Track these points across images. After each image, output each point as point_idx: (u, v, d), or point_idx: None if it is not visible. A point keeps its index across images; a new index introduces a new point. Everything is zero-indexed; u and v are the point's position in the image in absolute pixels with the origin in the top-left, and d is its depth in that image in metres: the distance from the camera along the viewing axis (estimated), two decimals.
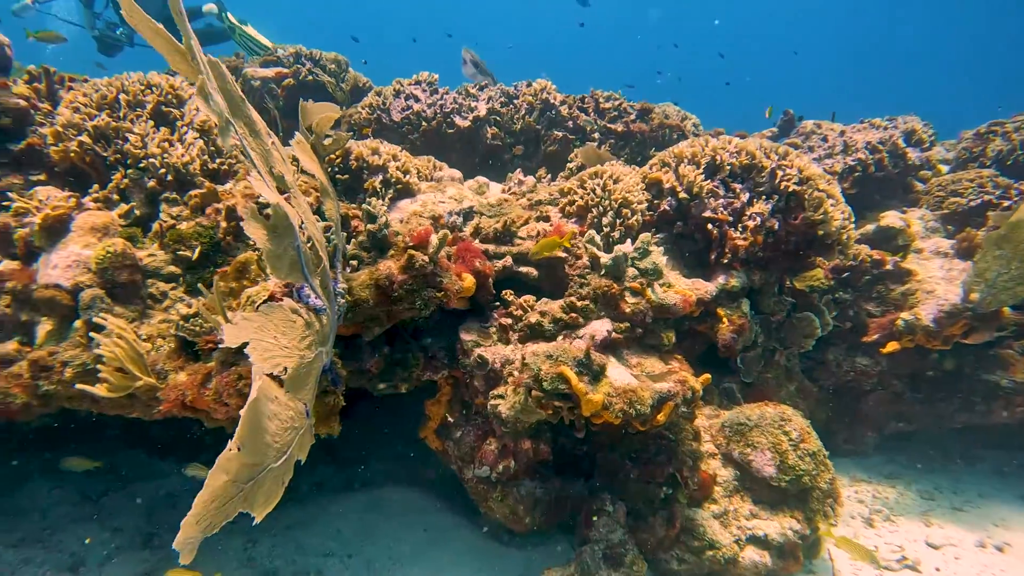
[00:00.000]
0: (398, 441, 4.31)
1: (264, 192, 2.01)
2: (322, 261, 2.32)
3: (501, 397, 3.00)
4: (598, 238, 3.22)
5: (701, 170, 3.52)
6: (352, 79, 5.25)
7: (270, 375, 1.87)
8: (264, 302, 2.57)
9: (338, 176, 3.57)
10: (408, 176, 3.62)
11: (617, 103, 4.88)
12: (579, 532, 3.25)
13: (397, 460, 4.30)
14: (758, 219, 3.38)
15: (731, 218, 3.45)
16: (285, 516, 3.83)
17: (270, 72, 4.85)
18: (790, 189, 3.37)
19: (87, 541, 3.61)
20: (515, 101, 4.75)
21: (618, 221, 3.39)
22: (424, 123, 4.60)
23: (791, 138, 5.31)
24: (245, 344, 1.80)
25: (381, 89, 4.90)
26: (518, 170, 4.09)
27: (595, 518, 3.11)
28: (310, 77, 5.04)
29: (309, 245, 2.28)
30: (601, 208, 3.44)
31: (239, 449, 1.57)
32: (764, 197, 3.45)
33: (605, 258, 3.11)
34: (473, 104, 4.70)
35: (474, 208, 3.67)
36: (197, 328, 2.60)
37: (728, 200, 3.49)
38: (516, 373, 2.99)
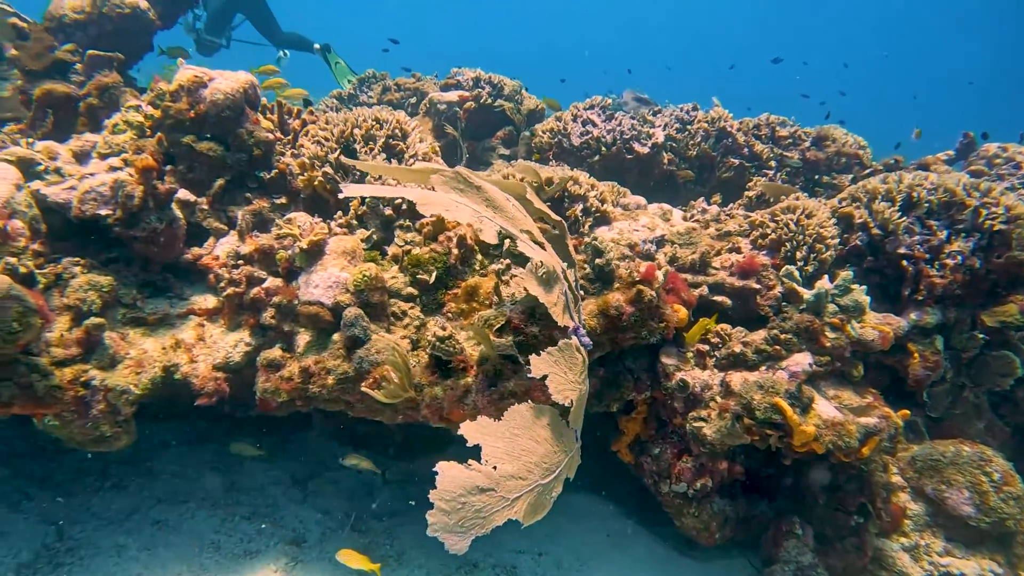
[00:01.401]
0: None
1: (532, 254, 2.31)
2: (578, 299, 2.61)
3: (703, 420, 3.22)
4: (797, 273, 3.37)
5: (896, 207, 3.60)
6: (529, 103, 5.58)
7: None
8: (512, 332, 2.90)
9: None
10: (605, 205, 3.88)
11: (792, 130, 4.97)
12: (765, 551, 3.43)
13: (580, 469, 4.59)
14: (958, 257, 3.43)
15: (927, 255, 3.52)
16: None
17: (454, 96, 5.24)
18: (995, 227, 3.40)
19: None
20: (689, 127, 4.94)
21: (811, 256, 3.52)
22: (604, 148, 4.86)
23: (973, 163, 5.20)
24: (499, 370, 2.11)
25: (561, 114, 5.20)
26: (700, 199, 4.28)
27: (785, 540, 3.28)
28: (490, 100, 5.41)
29: (566, 287, 2.57)
30: (794, 242, 3.58)
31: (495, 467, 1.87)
32: (964, 234, 3.49)
33: (807, 294, 3.26)
34: (650, 131, 4.92)
35: (665, 236, 3.90)
36: (450, 348, 2.95)
37: (924, 237, 3.55)
38: (719, 398, 3.20)
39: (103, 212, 3.47)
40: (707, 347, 3.46)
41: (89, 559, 3.58)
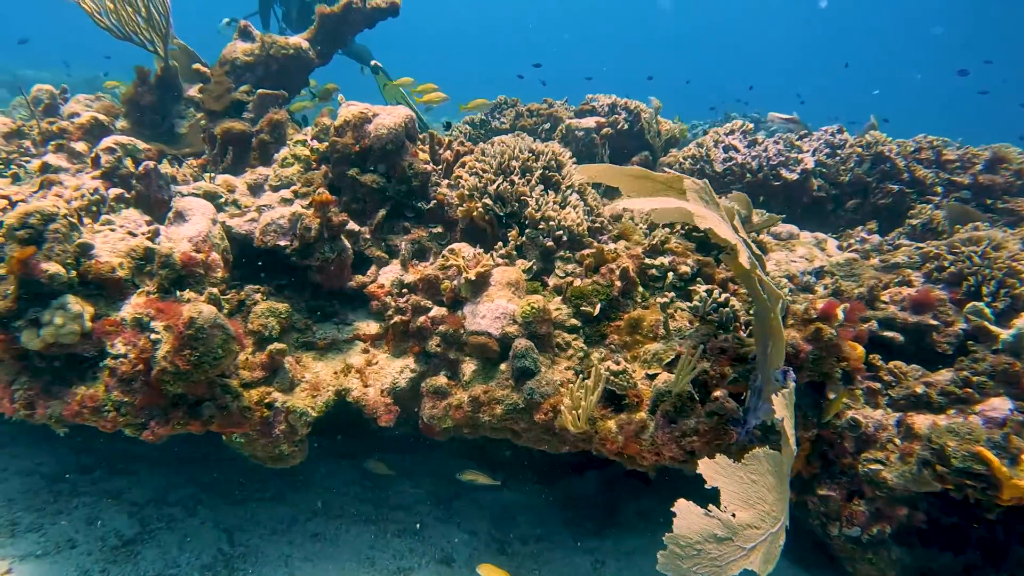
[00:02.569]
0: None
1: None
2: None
3: (879, 463, 3.08)
4: (986, 310, 3.18)
5: None
6: (665, 127, 5.56)
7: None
8: (687, 364, 2.88)
9: (693, 234, 3.83)
10: (760, 234, 3.80)
11: (961, 152, 4.71)
12: None
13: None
14: None
15: None
16: (625, 542, 4.19)
17: (591, 122, 5.28)
18: None
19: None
20: (839, 151, 4.77)
21: (1001, 291, 3.31)
22: (748, 175, 4.78)
23: None
24: (680, 407, 2.06)
25: (702, 140, 5.15)
26: (859, 227, 4.12)
27: None
28: (626, 126, 5.42)
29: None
30: (980, 276, 3.38)
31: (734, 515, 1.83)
32: None
33: (1003, 333, 3.08)
34: (798, 156, 4.79)
35: (824, 267, 3.77)
36: (624, 383, 2.96)
37: None
38: (899, 441, 3.05)
39: (282, 243, 3.70)
40: (878, 385, 3.32)
41: (260, 566, 3.80)
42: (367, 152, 4.02)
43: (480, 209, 3.80)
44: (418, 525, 4.35)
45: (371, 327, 3.80)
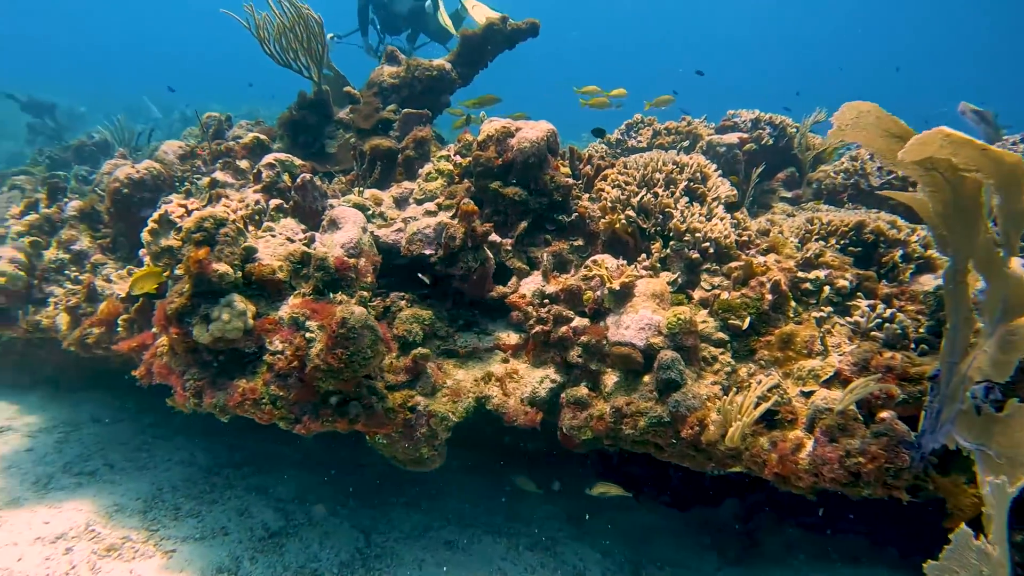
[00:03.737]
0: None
1: None
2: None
3: None
4: None
5: None
6: (815, 142, 5.32)
7: None
8: (840, 383, 2.69)
9: (850, 249, 3.60)
10: (928, 250, 3.52)
11: None
12: None
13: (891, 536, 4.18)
14: None
15: None
16: (772, 574, 3.97)
17: (733, 138, 5.14)
18: None
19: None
20: None
21: None
22: (910, 189, 4.46)
23: None
24: (843, 425, 1.88)
25: (856, 153, 4.89)
26: None
27: None
28: (770, 141, 5.24)
29: None
30: None
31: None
32: None
33: None
34: None
35: None
36: (778, 399, 2.81)
37: None
38: None
39: (427, 251, 3.81)
40: None
41: (395, 567, 3.87)
42: (509, 165, 4.09)
43: (623, 221, 3.76)
44: (548, 540, 4.30)
45: (511, 337, 3.82)
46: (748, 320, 3.21)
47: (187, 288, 3.24)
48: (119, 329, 4.10)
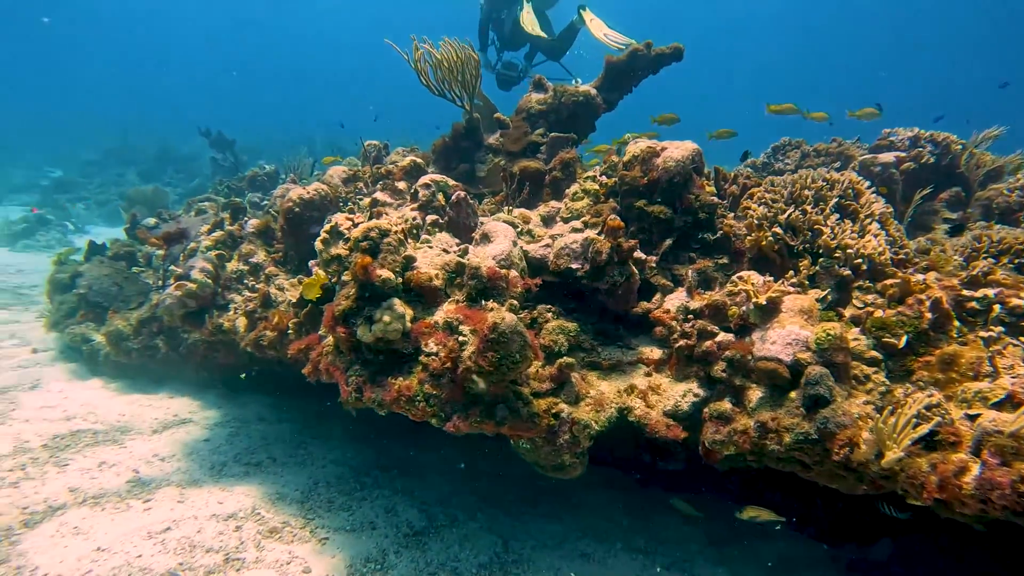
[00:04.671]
0: None
1: None
2: None
3: None
4: None
5: None
6: (985, 159, 5.02)
7: None
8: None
9: None
10: None
11: None
12: None
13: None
14: None
15: None
16: None
17: (890, 157, 4.95)
18: None
19: None
20: None
21: None
22: None
23: None
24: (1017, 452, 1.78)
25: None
26: None
27: None
28: (931, 160, 4.99)
29: None
30: None
31: None
32: None
33: None
34: None
35: None
36: (940, 419, 2.70)
37: None
38: None
39: (574, 266, 3.97)
40: None
41: (532, 573, 4.00)
42: (654, 184, 4.19)
43: (769, 238, 3.75)
44: (686, 562, 4.27)
45: (654, 352, 3.89)
46: (904, 339, 3.10)
47: (353, 292, 3.59)
48: (289, 332, 4.57)
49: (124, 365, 6.58)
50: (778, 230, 3.71)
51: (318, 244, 4.08)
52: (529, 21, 7.68)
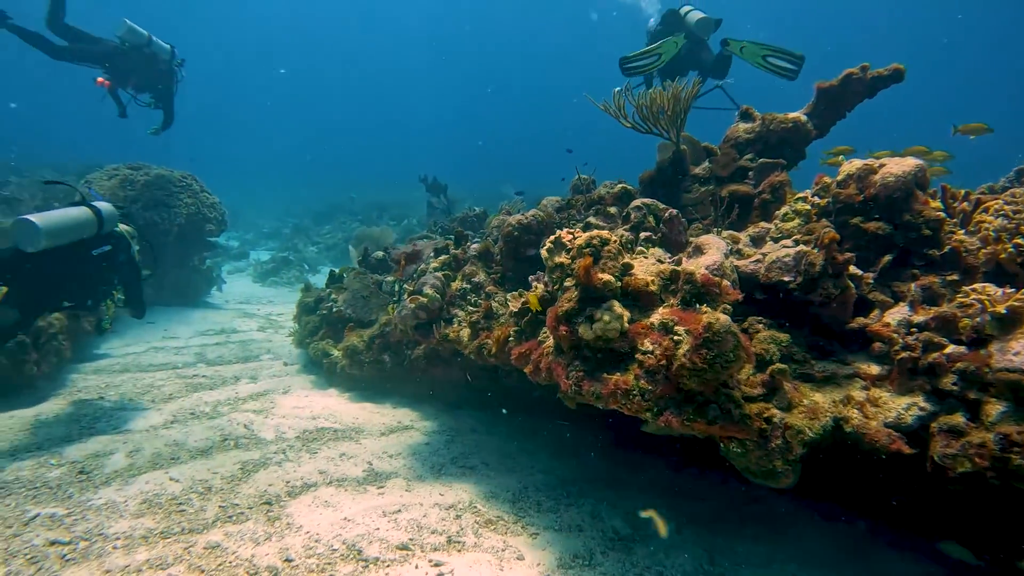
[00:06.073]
0: None
1: None
2: None
3: None
4: None
5: None
6: None
7: None
8: None
9: None
10: None
11: None
12: None
13: None
14: None
15: None
16: None
17: None
18: None
19: None
20: None
21: None
22: None
23: None
24: None
25: None
26: None
27: None
28: None
29: None
30: None
31: None
32: None
33: None
34: None
35: None
36: None
37: None
38: None
39: (786, 278, 4.00)
40: None
41: None
42: (871, 201, 4.13)
43: (1010, 250, 3.55)
44: None
45: (871, 368, 3.78)
46: None
47: (575, 294, 3.89)
48: (510, 340, 4.97)
49: (356, 377, 7.47)
50: (1020, 241, 3.51)
51: (543, 252, 4.45)
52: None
